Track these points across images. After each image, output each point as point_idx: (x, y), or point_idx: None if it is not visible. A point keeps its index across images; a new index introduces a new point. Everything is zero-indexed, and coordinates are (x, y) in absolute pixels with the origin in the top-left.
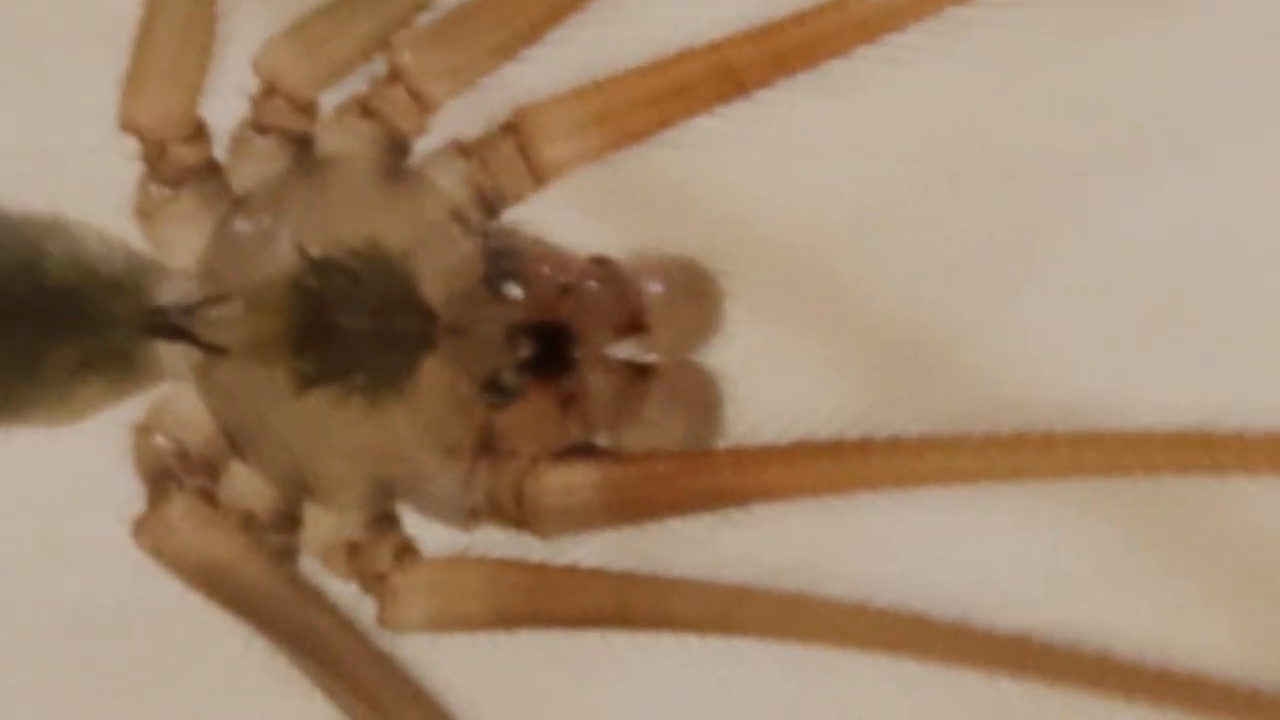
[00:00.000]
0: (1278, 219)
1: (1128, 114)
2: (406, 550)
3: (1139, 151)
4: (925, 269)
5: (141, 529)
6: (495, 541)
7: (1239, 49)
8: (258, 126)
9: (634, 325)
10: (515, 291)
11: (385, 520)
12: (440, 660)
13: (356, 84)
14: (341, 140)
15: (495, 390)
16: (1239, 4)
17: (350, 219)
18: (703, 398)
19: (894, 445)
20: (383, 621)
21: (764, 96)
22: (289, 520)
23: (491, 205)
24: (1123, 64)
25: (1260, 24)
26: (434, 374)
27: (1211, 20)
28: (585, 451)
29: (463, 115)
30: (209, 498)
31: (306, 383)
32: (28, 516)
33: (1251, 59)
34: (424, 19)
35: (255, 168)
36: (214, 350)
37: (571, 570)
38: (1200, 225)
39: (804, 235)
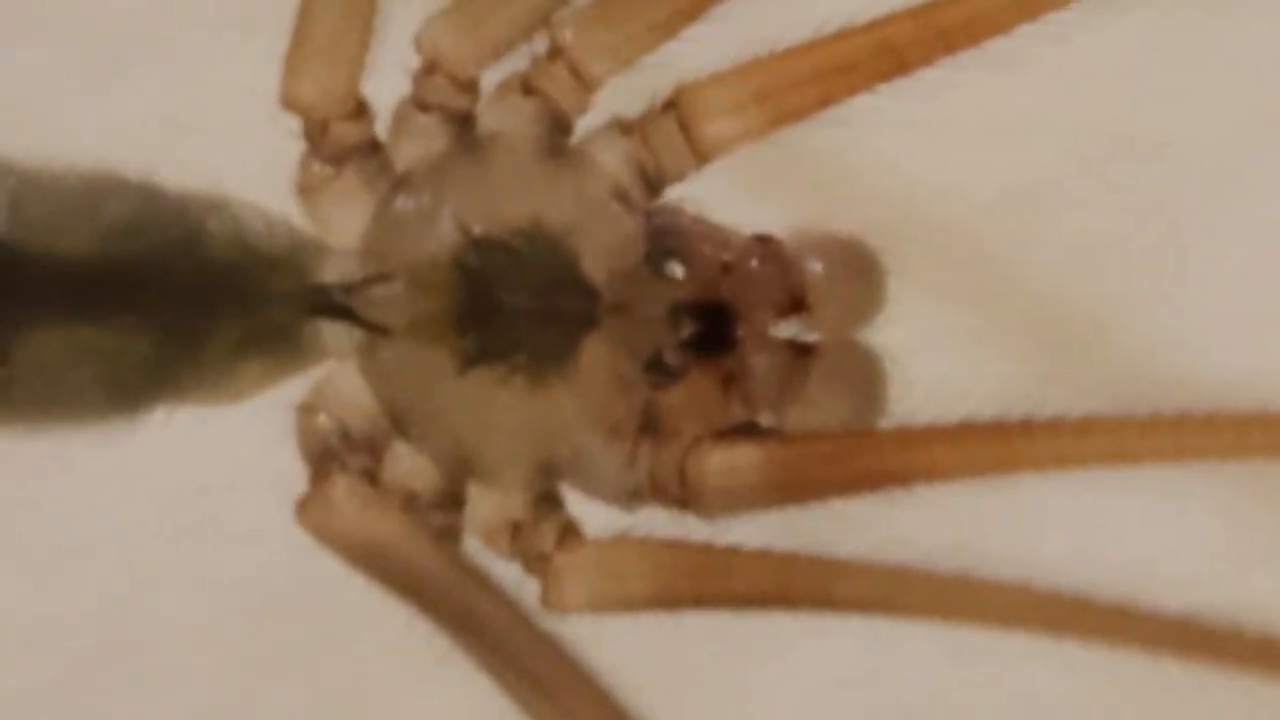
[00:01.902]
0: None
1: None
2: (570, 531)
3: None
4: (1086, 248)
5: (305, 509)
6: (658, 522)
7: None
8: (419, 104)
9: (796, 304)
10: (677, 270)
11: (548, 500)
12: (603, 640)
13: (518, 62)
14: (503, 118)
15: (658, 370)
16: None
17: (512, 197)
18: (865, 377)
19: (1056, 425)
20: (546, 602)
21: (925, 74)
22: (452, 500)
23: (653, 183)
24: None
25: None
26: (596, 353)
27: None
28: (748, 431)
29: (625, 93)
30: (372, 478)
31: (469, 362)
32: (190, 497)
33: None
34: None
35: (417, 146)
36: (376, 329)
37: (734, 551)
38: None
39: (966, 214)
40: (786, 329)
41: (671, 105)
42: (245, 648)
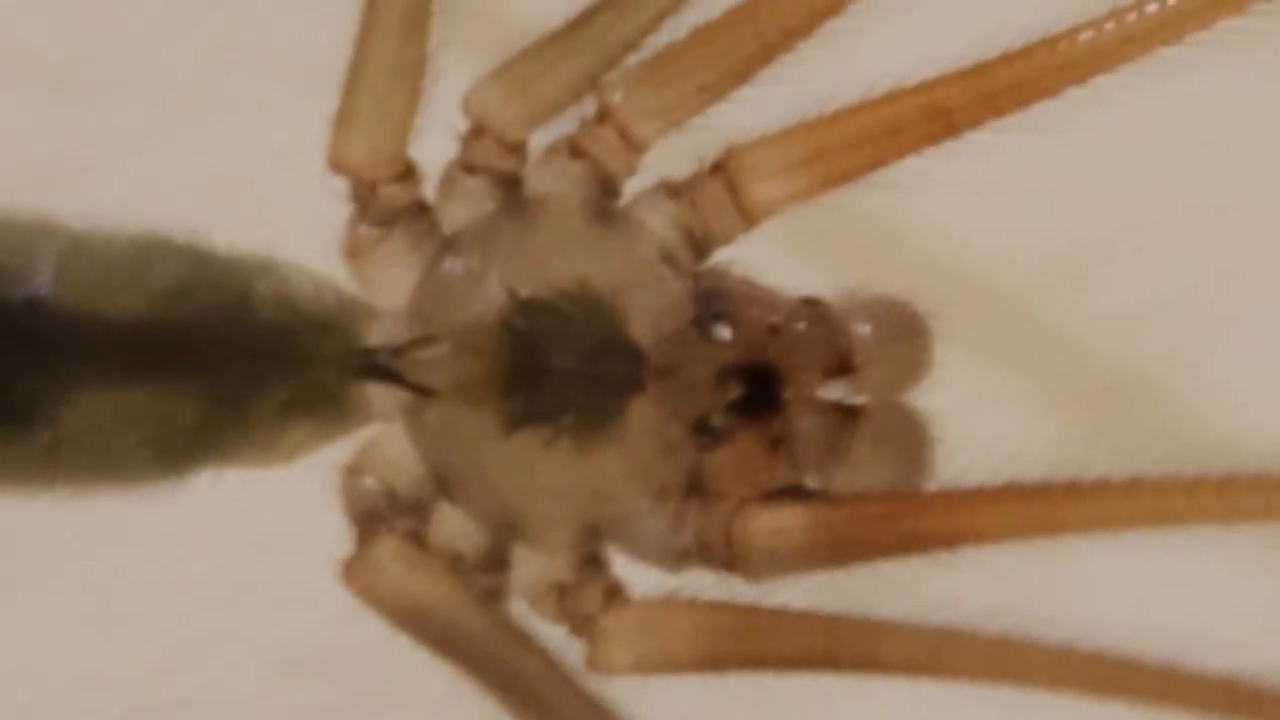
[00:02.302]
0: None
1: None
2: (615, 592)
3: None
4: (1133, 310)
5: (351, 571)
6: (704, 584)
7: None
8: (467, 167)
9: (843, 366)
10: (724, 333)
11: (594, 562)
12: (649, 702)
13: (566, 124)
14: (551, 181)
15: (704, 432)
16: None
17: (560, 260)
18: (912, 440)
19: (1102, 487)
20: (592, 664)
21: (974, 137)
22: (498, 562)
23: (701, 246)
24: None
25: None
26: (643, 415)
27: None
28: (794, 493)
29: (673, 156)
30: (417, 539)
31: (515, 424)
32: (237, 558)
33: None
34: (633, 59)
35: (465, 208)
36: (423, 392)
37: (780, 612)
38: None
39: (1012, 276)
40: (833, 391)
41: (719, 168)
42: (292, 710)
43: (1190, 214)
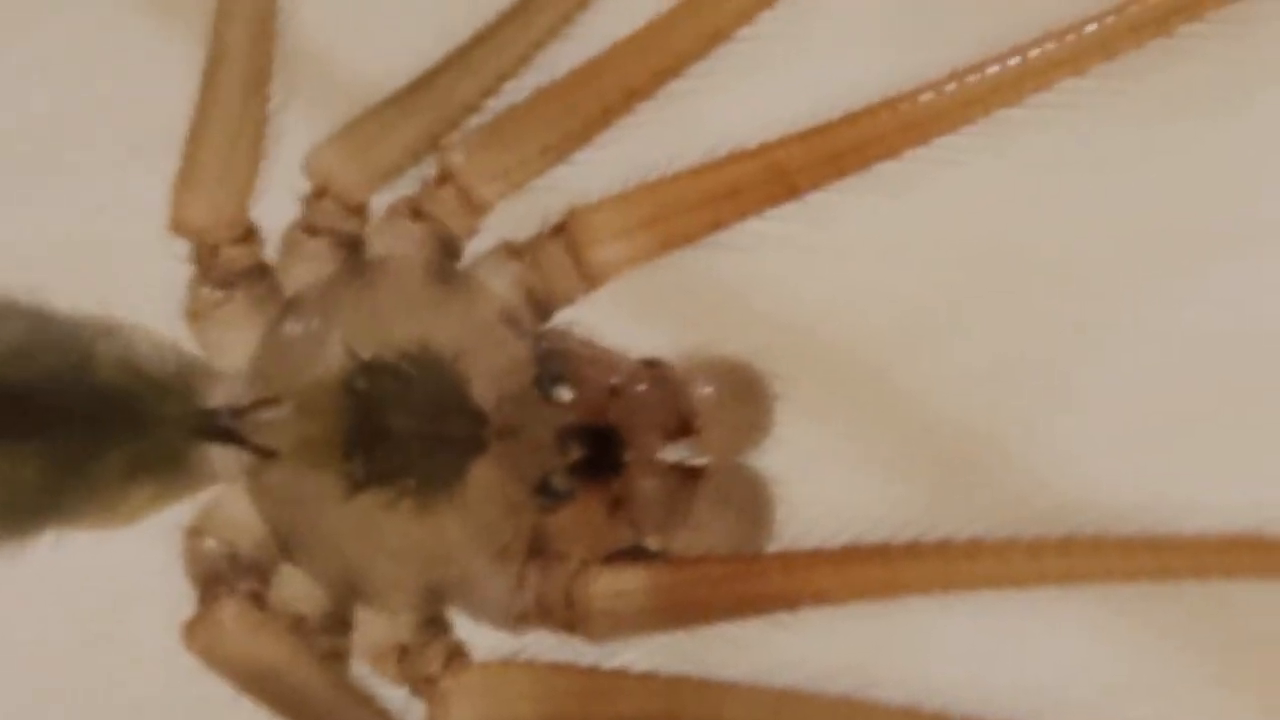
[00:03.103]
0: None
1: (1176, 214)
2: (457, 654)
3: (1188, 251)
4: (976, 372)
5: (192, 632)
6: (546, 645)
7: None
8: (308, 228)
9: (684, 428)
10: (566, 394)
11: (436, 623)
12: None
13: (407, 185)
14: (392, 242)
15: (546, 493)
16: None
17: (401, 321)
18: (753, 501)
19: (944, 549)
20: None
21: (815, 198)
22: (339, 623)
23: (542, 307)
24: (1172, 163)
25: None
26: (484, 477)
27: (1267, 116)
28: (635, 554)
29: (512, 217)
30: (259, 601)
31: (356, 485)
32: (79, 618)
33: None
34: (474, 121)
35: (306, 269)
36: (264, 453)
37: (622, 674)
38: (1254, 321)
39: (854, 337)
40: (674, 452)
41: (561, 229)
42: None
43: (1032, 275)
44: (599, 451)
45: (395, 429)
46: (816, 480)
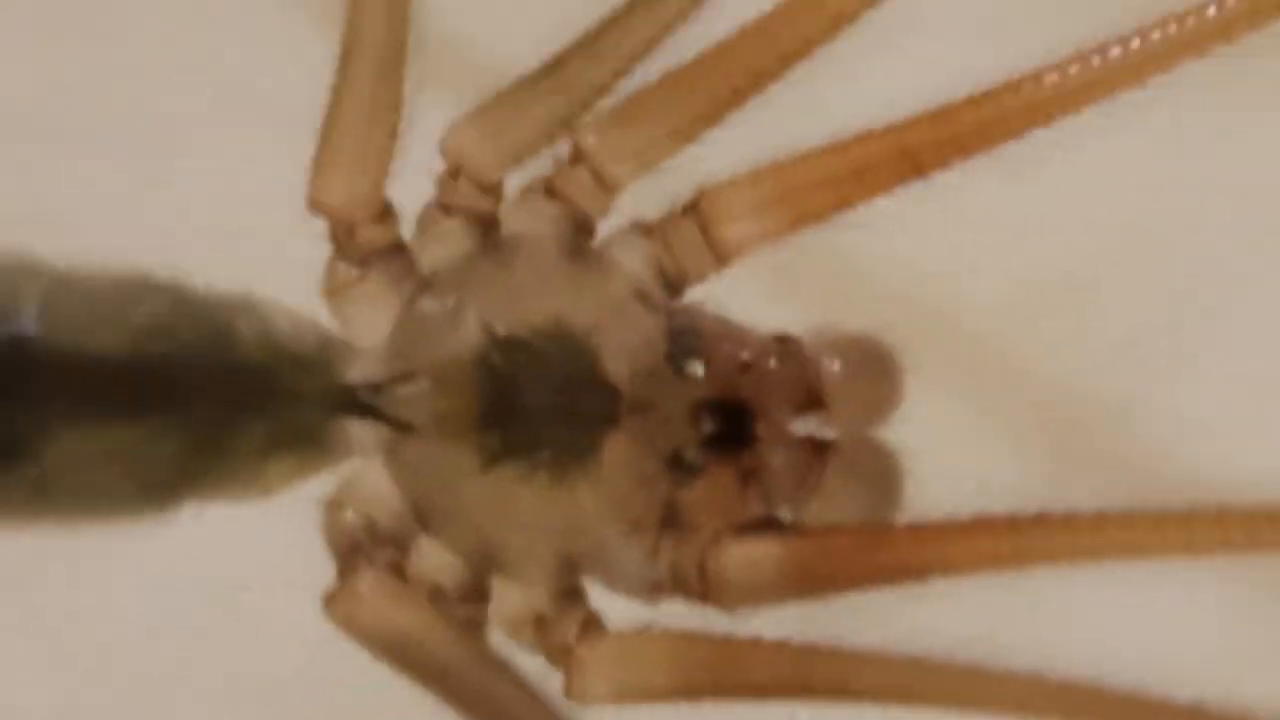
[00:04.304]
0: None
1: None
2: (592, 623)
3: None
4: (1100, 344)
5: (332, 603)
6: (679, 615)
7: None
8: (444, 207)
9: (814, 402)
10: (698, 369)
11: (571, 594)
12: None
13: (541, 166)
14: (526, 221)
15: (678, 466)
16: None
17: (535, 298)
18: (882, 473)
19: (1069, 520)
20: (569, 693)
21: (941, 177)
22: (476, 593)
23: (674, 284)
24: None
25: None
26: (618, 451)
27: None
28: (767, 526)
29: (647, 195)
30: (398, 571)
31: (492, 459)
32: (219, 591)
33: None
34: (607, 102)
35: (441, 248)
36: (401, 428)
37: (754, 642)
38: None
39: (981, 312)
40: (805, 426)
41: (692, 208)
42: None
43: (1156, 248)
44: (730, 425)
45: (530, 404)
46: (945, 453)
